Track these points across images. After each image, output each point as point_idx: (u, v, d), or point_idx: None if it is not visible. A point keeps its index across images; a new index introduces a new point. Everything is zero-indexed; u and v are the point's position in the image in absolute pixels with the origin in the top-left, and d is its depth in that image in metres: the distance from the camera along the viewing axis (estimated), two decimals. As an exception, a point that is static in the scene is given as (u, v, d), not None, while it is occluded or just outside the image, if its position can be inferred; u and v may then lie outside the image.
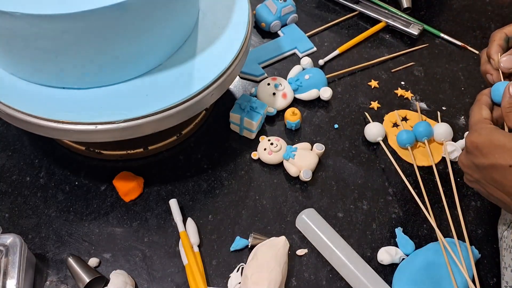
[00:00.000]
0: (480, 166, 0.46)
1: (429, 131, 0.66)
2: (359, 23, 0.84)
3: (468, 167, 0.49)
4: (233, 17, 0.60)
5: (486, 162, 0.45)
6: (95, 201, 0.62)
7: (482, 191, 0.49)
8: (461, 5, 0.88)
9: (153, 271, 0.57)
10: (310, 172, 0.62)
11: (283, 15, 0.79)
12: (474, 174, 0.48)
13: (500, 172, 0.44)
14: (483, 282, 0.57)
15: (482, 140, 0.46)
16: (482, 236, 0.60)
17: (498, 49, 0.54)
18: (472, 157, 0.47)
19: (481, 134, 0.46)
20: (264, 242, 0.57)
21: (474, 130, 0.47)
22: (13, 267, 0.51)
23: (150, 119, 0.51)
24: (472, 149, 0.47)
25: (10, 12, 0.43)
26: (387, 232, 0.60)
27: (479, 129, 0.47)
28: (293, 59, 0.78)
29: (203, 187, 0.63)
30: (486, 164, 0.45)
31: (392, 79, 0.76)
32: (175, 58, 0.56)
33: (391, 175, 0.65)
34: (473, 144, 0.47)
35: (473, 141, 0.47)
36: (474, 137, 0.47)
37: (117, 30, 0.47)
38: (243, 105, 0.65)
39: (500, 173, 0.44)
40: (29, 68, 0.51)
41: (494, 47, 0.54)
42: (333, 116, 0.71)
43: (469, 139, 0.47)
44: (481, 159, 0.46)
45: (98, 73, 0.51)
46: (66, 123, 0.50)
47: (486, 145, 0.45)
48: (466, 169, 0.49)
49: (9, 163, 0.64)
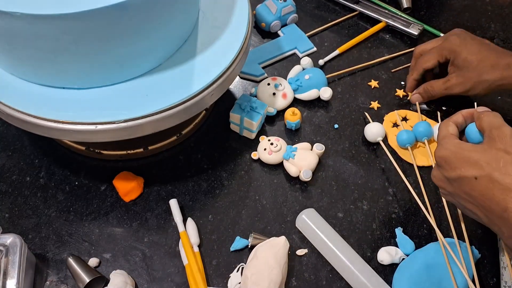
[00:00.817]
0: (450, 179, 0.48)
1: (429, 131, 0.66)
2: (359, 23, 0.84)
3: (440, 181, 0.50)
4: (233, 17, 0.60)
5: (454, 175, 0.47)
6: (95, 201, 0.62)
7: (457, 204, 0.50)
8: (461, 5, 0.88)
9: (153, 271, 0.57)
10: (310, 172, 0.62)
11: (283, 15, 0.79)
12: (447, 188, 0.49)
13: (467, 184, 0.46)
14: (483, 282, 0.57)
15: (448, 154, 0.47)
16: (482, 236, 0.60)
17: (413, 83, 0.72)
18: (443, 170, 0.49)
19: (447, 148, 0.48)
20: (264, 242, 0.56)
21: (441, 145, 0.49)
22: (13, 267, 0.51)
23: (150, 119, 0.51)
24: (441, 163, 0.48)
25: (10, 12, 0.43)
26: (387, 232, 0.60)
27: (445, 144, 0.48)
28: (293, 59, 0.78)
29: (203, 187, 0.63)
30: (455, 177, 0.47)
31: (392, 79, 0.76)
32: (175, 58, 0.56)
33: (391, 175, 0.65)
34: (441, 158, 0.48)
35: (441, 156, 0.48)
36: (441, 151, 0.48)
37: (117, 30, 0.47)
38: (243, 105, 0.65)
39: (468, 185, 0.46)
40: (29, 68, 0.51)
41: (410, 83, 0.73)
42: (333, 116, 0.71)
43: (437, 154, 0.49)
44: (450, 172, 0.47)
45: (98, 73, 0.51)
46: (66, 123, 0.50)
47: (453, 158, 0.47)
48: (439, 183, 0.50)
49: (9, 163, 0.64)
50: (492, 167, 0.44)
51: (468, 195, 0.46)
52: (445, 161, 0.48)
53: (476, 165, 0.45)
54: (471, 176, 0.45)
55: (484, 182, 0.44)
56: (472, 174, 0.45)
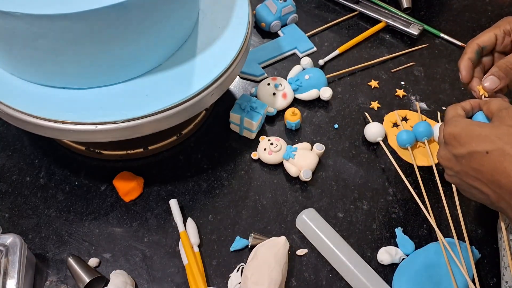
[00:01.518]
0: (458, 156, 0.48)
1: (429, 131, 0.66)
2: (359, 23, 0.84)
3: (447, 160, 0.50)
4: (233, 17, 0.60)
5: (464, 151, 0.47)
6: (95, 201, 0.62)
7: (463, 185, 0.50)
8: (461, 5, 0.88)
9: (153, 271, 0.57)
10: (310, 172, 0.62)
11: (283, 15, 0.79)
12: (454, 167, 0.49)
13: (478, 159, 0.45)
14: (483, 282, 0.57)
15: (459, 130, 0.47)
16: (482, 236, 0.60)
17: (467, 63, 0.56)
18: (450, 148, 0.48)
19: (456, 125, 0.48)
20: (264, 242, 0.57)
21: (450, 123, 0.49)
22: (13, 267, 0.51)
23: (150, 119, 0.51)
24: (450, 139, 0.48)
25: (10, 12, 0.43)
26: (387, 232, 0.60)
27: (454, 121, 0.49)
28: (293, 59, 0.78)
29: (203, 187, 0.63)
30: (464, 153, 0.47)
31: (392, 79, 0.76)
32: (175, 58, 0.56)
33: (391, 175, 0.65)
34: (451, 134, 0.48)
35: (451, 132, 0.48)
36: (451, 128, 0.48)
37: (117, 30, 0.47)
38: (243, 105, 0.65)
39: (478, 161, 0.45)
40: (29, 68, 0.51)
41: (464, 62, 0.57)
42: (333, 116, 0.71)
43: (446, 130, 0.49)
44: (459, 149, 0.47)
45: (98, 73, 0.51)
46: (66, 123, 0.50)
47: (463, 134, 0.47)
48: (445, 162, 0.50)
49: (9, 163, 0.64)
50: (504, 141, 0.44)
51: (477, 172, 0.46)
52: (455, 138, 0.47)
53: (487, 140, 0.45)
54: (482, 151, 0.45)
55: (495, 156, 0.44)
56: (484, 149, 0.45)
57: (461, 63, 0.57)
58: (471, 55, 0.56)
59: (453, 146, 0.48)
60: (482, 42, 0.56)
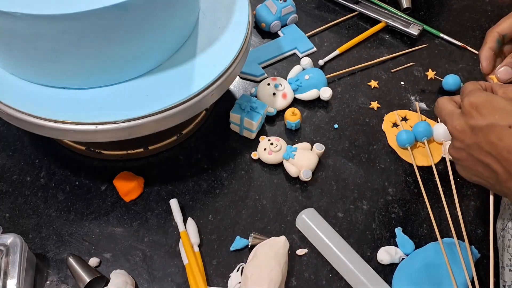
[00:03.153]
0: (475, 128, 0.46)
1: (428, 131, 0.66)
2: (359, 23, 0.84)
3: (461, 131, 0.47)
4: (233, 17, 0.60)
5: (483, 122, 0.45)
6: (95, 201, 0.62)
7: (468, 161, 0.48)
8: (461, 5, 0.88)
9: (154, 271, 0.57)
10: (310, 172, 0.62)
11: (283, 15, 0.79)
12: (466, 139, 0.47)
13: (497, 133, 0.44)
14: (483, 282, 0.57)
15: (482, 100, 0.46)
16: (482, 236, 0.60)
17: (488, 53, 0.55)
18: (468, 118, 0.47)
19: (480, 96, 0.46)
20: (264, 242, 0.57)
21: (472, 93, 0.47)
22: (14, 267, 0.51)
23: (150, 119, 0.51)
24: (470, 109, 0.46)
25: (10, 12, 0.43)
26: (387, 232, 0.60)
27: (477, 92, 0.47)
28: (293, 59, 0.78)
29: (203, 187, 0.63)
30: (484, 125, 0.45)
31: (392, 79, 0.76)
32: (175, 58, 0.56)
33: (391, 175, 0.65)
34: (472, 104, 0.46)
35: (473, 102, 0.46)
36: (474, 98, 0.46)
37: (117, 30, 0.47)
38: (243, 105, 0.65)
39: (497, 134, 0.44)
40: (29, 68, 0.51)
41: (484, 52, 0.55)
42: (333, 116, 0.71)
43: (467, 100, 0.47)
44: (479, 120, 0.45)
45: (98, 73, 0.51)
46: (66, 123, 0.50)
47: (486, 106, 0.45)
48: (459, 134, 0.48)
49: (9, 163, 0.64)
50: None
51: (492, 146, 0.44)
52: (476, 108, 0.46)
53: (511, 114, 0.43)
54: (505, 125, 0.43)
55: None
56: (507, 123, 0.43)
57: (481, 53, 0.55)
58: (492, 44, 0.55)
59: (471, 117, 0.46)
60: (502, 29, 0.55)
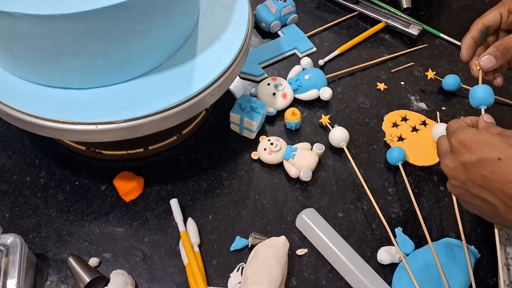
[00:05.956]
0: (467, 164, 0.46)
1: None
2: (359, 23, 0.84)
3: (454, 169, 0.48)
4: (233, 17, 0.60)
5: (473, 158, 0.45)
6: (95, 201, 0.62)
7: (467, 196, 0.48)
8: (461, 5, 0.88)
9: (154, 271, 0.57)
10: (310, 172, 0.63)
11: (283, 15, 0.79)
12: (460, 176, 0.48)
13: (488, 167, 0.44)
14: (483, 282, 0.57)
15: (468, 137, 0.46)
16: (482, 236, 0.60)
17: (469, 42, 0.57)
18: (459, 156, 0.47)
19: (466, 133, 0.47)
20: (264, 242, 0.57)
21: (458, 131, 0.48)
22: (14, 267, 0.51)
23: (150, 119, 0.51)
24: (459, 147, 0.47)
25: (10, 12, 0.43)
26: (387, 232, 0.60)
27: (463, 129, 0.48)
28: (293, 59, 0.78)
29: (203, 187, 0.63)
30: (474, 160, 0.45)
31: (392, 79, 0.76)
32: (175, 58, 0.56)
33: (391, 175, 0.65)
34: (460, 141, 0.47)
35: (460, 139, 0.47)
36: (461, 135, 0.47)
37: (117, 30, 0.47)
38: (243, 105, 0.65)
39: (489, 168, 0.44)
40: (29, 68, 0.51)
41: (466, 40, 0.58)
42: (333, 116, 0.71)
43: (455, 138, 0.48)
44: (468, 156, 0.46)
45: (98, 73, 0.51)
46: (66, 123, 0.50)
47: (474, 141, 0.46)
48: (452, 172, 0.48)
49: (9, 163, 0.64)
50: None
51: (485, 180, 0.45)
52: (464, 145, 0.46)
53: (499, 146, 0.44)
54: (494, 158, 0.44)
55: (508, 163, 0.43)
56: (496, 156, 0.44)
57: (463, 41, 0.58)
58: (474, 34, 0.58)
59: (461, 154, 0.47)
60: (487, 20, 0.58)
